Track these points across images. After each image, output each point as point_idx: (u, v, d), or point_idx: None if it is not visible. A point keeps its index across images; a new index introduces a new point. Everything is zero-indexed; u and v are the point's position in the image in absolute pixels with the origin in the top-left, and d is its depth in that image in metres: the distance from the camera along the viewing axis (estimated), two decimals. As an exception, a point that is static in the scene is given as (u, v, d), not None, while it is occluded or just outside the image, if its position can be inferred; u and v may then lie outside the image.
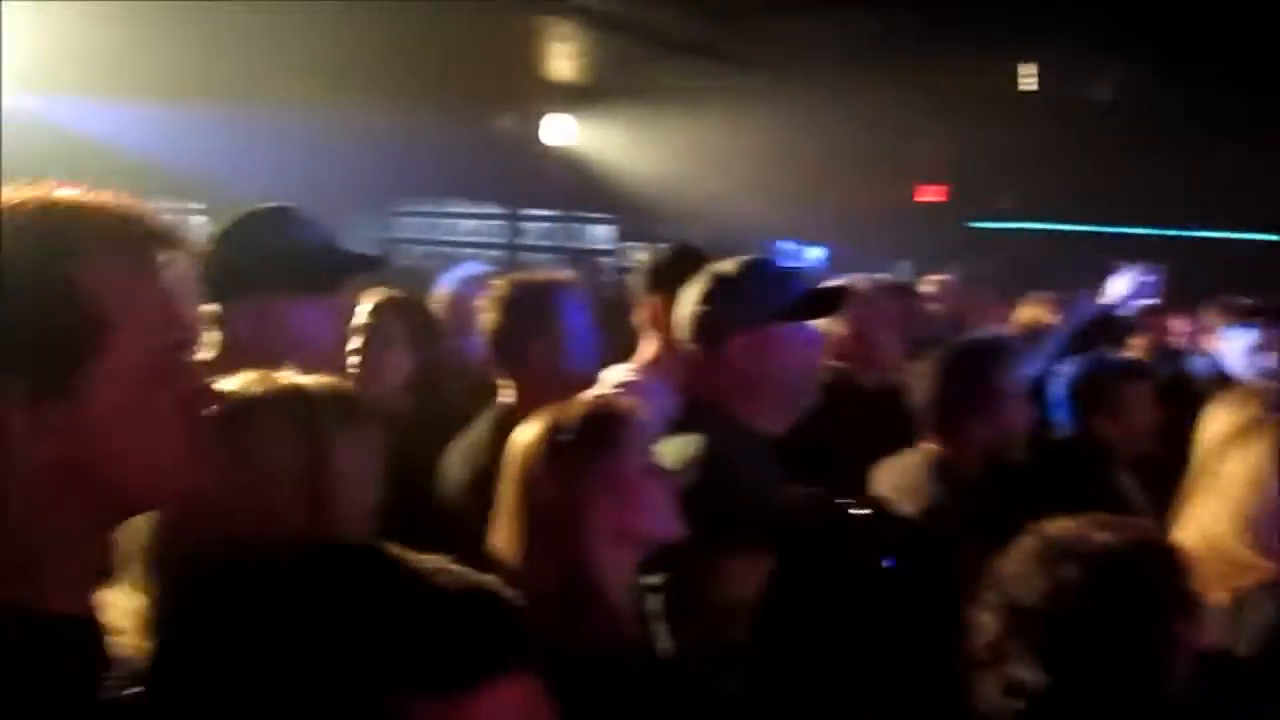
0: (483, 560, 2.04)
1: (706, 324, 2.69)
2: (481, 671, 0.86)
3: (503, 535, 2.11)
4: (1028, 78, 8.08)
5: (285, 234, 2.39)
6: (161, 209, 1.32)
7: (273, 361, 1.78)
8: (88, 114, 7.96)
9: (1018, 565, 1.88)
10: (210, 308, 2.35)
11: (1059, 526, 1.90)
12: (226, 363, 1.78)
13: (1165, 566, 1.88)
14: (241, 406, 1.59)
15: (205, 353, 2.29)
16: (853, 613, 1.30)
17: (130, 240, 1.21)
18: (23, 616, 1.14)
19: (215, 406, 1.30)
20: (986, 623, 1.86)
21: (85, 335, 1.15)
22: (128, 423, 1.18)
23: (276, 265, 2.32)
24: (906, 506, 2.98)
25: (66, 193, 1.21)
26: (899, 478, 3.15)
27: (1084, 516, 1.92)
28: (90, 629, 1.22)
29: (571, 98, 11.27)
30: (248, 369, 1.74)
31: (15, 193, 1.19)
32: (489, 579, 0.92)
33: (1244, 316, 5.60)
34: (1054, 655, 1.81)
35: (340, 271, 2.49)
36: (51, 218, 1.18)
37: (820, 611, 1.30)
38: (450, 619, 0.87)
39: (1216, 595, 2.16)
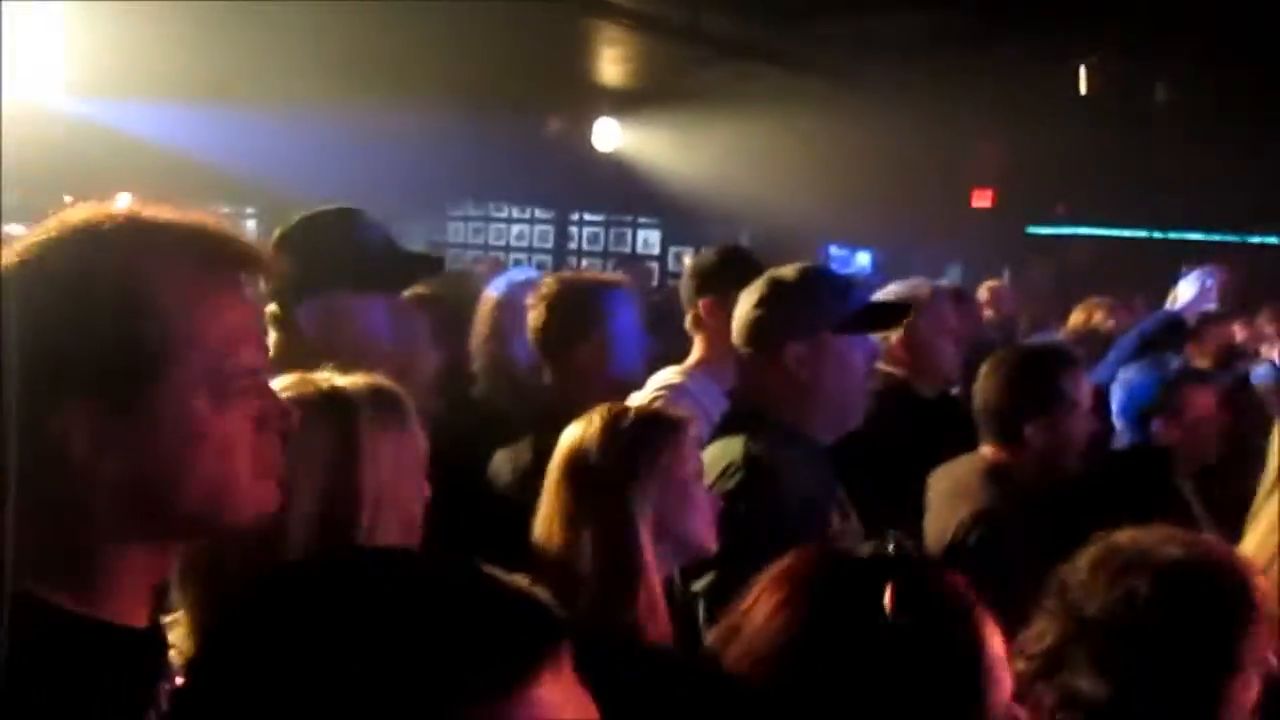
0: (528, 558, 2.03)
1: (762, 329, 2.67)
2: (514, 676, 0.83)
3: (548, 523, 2.11)
4: (1084, 80, 7.95)
5: (349, 234, 2.42)
6: (216, 213, 1.31)
7: (338, 360, 1.77)
8: (141, 117, 8.04)
9: (1082, 574, 1.83)
10: (272, 308, 2.36)
11: (1127, 537, 1.85)
12: (291, 362, 1.77)
13: (1234, 581, 1.81)
14: None
15: (271, 350, 2.30)
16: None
17: (205, 260, 1.20)
18: (84, 625, 1.14)
19: (288, 430, 1.27)
20: (1044, 631, 1.81)
21: (151, 355, 1.14)
22: (192, 443, 1.16)
23: (342, 264, 2.36)
24: (959, 510, 2.94)
25: (146, 210, 1.20)
26: (953, 482, 3.10)
27: (1151, 528, 1.87)
28: (151, 642, 1.21)
29: (621, 102, 11.27)
30: (313, 367, 1.72)
31: (94, 209, 1.19)
32: (513, 578, 0.89)
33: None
34: (1117, 666, 1.76)
35: (404, 270, 2.51)
36: (125, 236, 1.17)
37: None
38: (474, 627, 0.84)
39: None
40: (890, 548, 1.31)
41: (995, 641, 1.26)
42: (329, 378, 1.68)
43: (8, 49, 6.29)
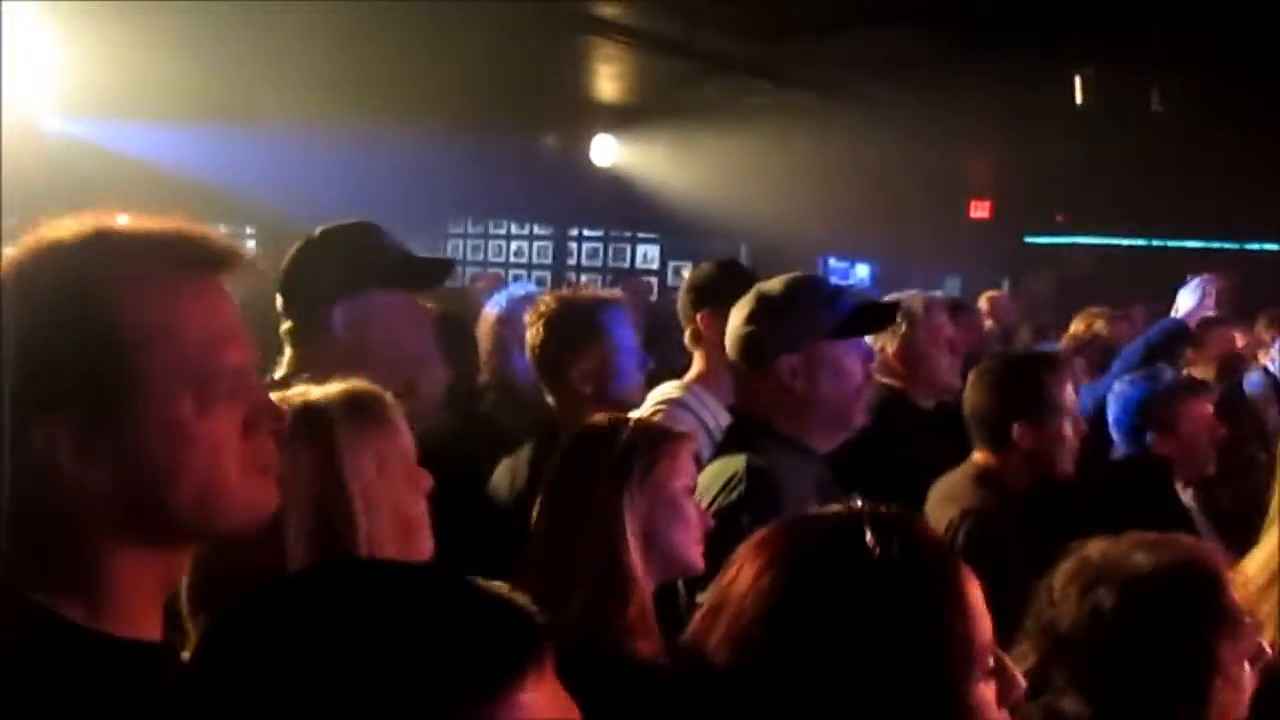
0: (526, 571, 2.03)
1: (752, 345, 2.67)
2: (497, 681, 0.84)
3: (542, 529, 2.12)
4: (1080, 91, 7.98)
5: (372, 239, 2.46)
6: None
7: (366, 363, 1.78)
8: (136, 138, 8.04)
9: (1055, 589, 1.81)
10: (286, 325, 2.38)
11: (1096, 547, 1.83)
12: (320, 370, 1.76)
13: (1204, 588, 1.78)
14: None
15: (287, 366, 2.31)
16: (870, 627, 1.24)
17: (176, 264, 1.19)
18: (97, 639, 1.14)
19: (279, 429, 1.26)
20: (1025, 652, 1.78)
21: (126, 364, 1.13)
22: (178, 449, 1.15)
23: (372, 264, 2.40)
24: (949, 511, 2.94)
25: (117, 220, 1.20)
26: (944, 488, 3.11)
27: (1125, 536, 1.84)
28: (157, 655, 1.20)
29: (619, 118, 11.29)
30: (343, 372, 1.71)
31: (66, 222, 1.18)
32: (494, 585, 0.90)
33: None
34: (1094, 684, 1.73)
35: (426, 270, 2.54)
36: (96, 247, 1.17)
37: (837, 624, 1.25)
38: (457, 633, 0.84)
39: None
40: (858, 504, 1.31)
41: (975, 587, 1.26)
42: (303, 392, 1.66)
43: (6, 69, 6.31)
